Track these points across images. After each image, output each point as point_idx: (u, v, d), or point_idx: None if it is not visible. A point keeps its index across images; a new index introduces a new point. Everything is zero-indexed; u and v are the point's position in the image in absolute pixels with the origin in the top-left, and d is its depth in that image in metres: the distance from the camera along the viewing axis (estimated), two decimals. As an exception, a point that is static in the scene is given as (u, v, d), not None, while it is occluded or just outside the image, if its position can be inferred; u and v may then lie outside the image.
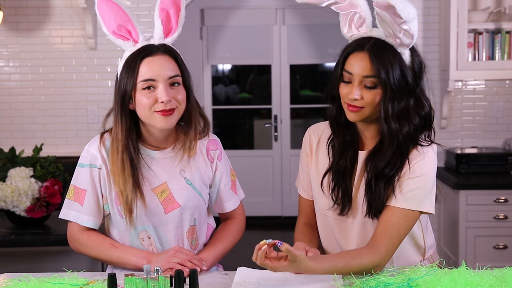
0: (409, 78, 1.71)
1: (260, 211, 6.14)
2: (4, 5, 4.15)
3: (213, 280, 1.73)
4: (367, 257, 1.67)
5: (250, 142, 6.49)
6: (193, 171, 1.91)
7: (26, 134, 4.31)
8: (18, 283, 1.62)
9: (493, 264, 1.81)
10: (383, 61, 1.68)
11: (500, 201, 3.72)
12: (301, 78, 6.33)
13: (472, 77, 4.11)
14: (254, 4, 6.02)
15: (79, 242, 1.89)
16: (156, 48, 1.80)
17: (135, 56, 1.79)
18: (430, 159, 1.75)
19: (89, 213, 1.87)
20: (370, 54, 1.69)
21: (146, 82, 1.77)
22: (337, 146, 1.84)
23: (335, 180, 1.81)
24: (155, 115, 1.78)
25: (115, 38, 1.81)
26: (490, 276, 1.56)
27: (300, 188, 1.99)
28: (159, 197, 1.86)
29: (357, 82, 1.71)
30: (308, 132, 1.97)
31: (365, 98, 1.71)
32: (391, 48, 1.71)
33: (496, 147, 4.25)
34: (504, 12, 4.04)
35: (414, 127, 1.73)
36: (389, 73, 1.68)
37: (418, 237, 1.86)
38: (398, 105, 1.70)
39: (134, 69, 1.77)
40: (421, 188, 1.72)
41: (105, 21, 1.80)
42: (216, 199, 2.00)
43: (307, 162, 1.93)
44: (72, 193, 1.89)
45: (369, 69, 1.69)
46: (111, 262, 1.89)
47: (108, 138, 1.88)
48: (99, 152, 1.87)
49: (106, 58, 4.28)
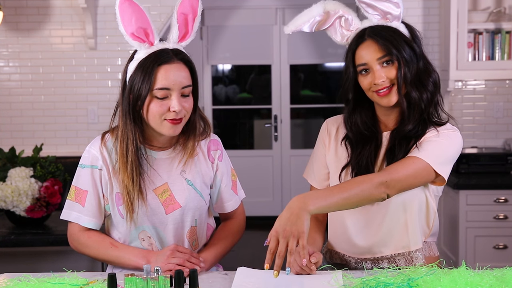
0: (415, 47, 1.81)
1: (260, 211, 6.14)
2: (4, 5, 4.15)
3: (213, 280, 1.73)
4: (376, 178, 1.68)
5: (250, 142, 6.49)
6: (194, 171, 1.90)
7: (26, 134, 4.31)
8: (18, 283, 1.62)
9: (493, 264, 1.81)
10: (387, 38, 1.79)
11: (500, 201, 3.72)
12: (301, 78, 6.33)
13: (472, 77, 4.12)
14: (254, 4, 6.01)
15: (80, 242, 1.89)
16: (173, 56, 1.78)
17: (152, 61, 1.76)
18: (459, 136, 1.84)
19: (90, 214, 1.87)
20: (373, 38, 1.79)
21: (161, 91, 1.75)
22: (354, 143, 1.89)
23: (356, 171, 1.85)
24: (165, 122, 1.78)
25: (131, 40, 1.78)
26: (490, 276, 1.56)
27: (312, 178, 2.00)
28: (160, 197, 1.86)
29: (375, 67, 1.79)
30: (326, 123, 2.01)
31: (388, 75, 1.79)
32: (388, 27, 1.82)
33: (496, 147, 4.25)
34: (504, 12, 4.04)
35: (430, 92, 1.83)
36: (397, 46, 1.78)
37: (430, 213, 1.85)
38: (412, 71, 1.80)
39: (151, 75, 1.74)
40: (444, 152, 1.78)
41: (124, 22, 1.76)
42: (217, 199, 2.00)
43: (324, 153, 1.97)
44: (73, 194, 1.88)
45: (379, 50, 1.78)
46: (110, 262, 1.89)
47: (110, 138, 1.88)
48: (100, 153, 1.86)
49: (106, 58, 4.28)
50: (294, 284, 1.66)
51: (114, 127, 1.89)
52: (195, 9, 1.85)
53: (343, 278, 1.69)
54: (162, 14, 4.20)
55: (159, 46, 1.79)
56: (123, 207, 1.85)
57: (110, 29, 4.25)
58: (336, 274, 1.72)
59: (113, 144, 1.86)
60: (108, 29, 4.24)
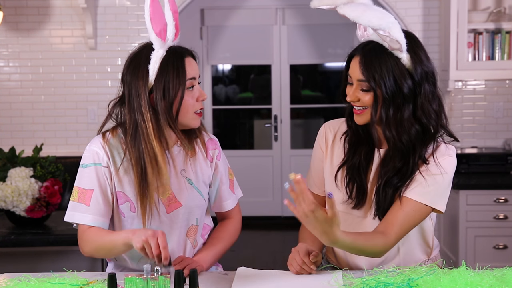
0: (405, 86, 1.69)
1: (260, 211, 6.14)
2: (4, 5, 4.15)
3: (213, 280, 1.74)
4: (380, 242, 1.68)
5: (250, 142, 6.49)
6: (194, 171, 1.91)
7: (26, 134, 4.31)
8: (18, 283, 1.62)
9: (493, 264, 1.81)
10: (374, 67, 1.68)
11: (500, 201, 3.72)
12: (301, 78, 6.33)
13: (472, 77, 4.12)
14: (254, 4, 6.01)
15: (83, 240, 1.85)
16: (185, 49, 1.85)
17: (177, 55, 1.80)
18: (453, 159, 1.76)
19: (96, 212, 1.84)
20: (361, 59, 1.71)
21: (190, 81, 1.80)
22: (352, 142, 1.85)
23: (350, 175, 1.81)
24: (194, 116, 1.84)
25: (156, 37, 1.78)
26: (490, 276, 1.56)
27: (311, 183, 1.97)
28: (161, 196, 1.86)
29: (355, 85, 1.74)
30: (324, 127, 1.95)
31: (362, 100, 1.72)
32: (387, 53, 1.69)
33: (496, 147, 4.25)
34: (504, 12, 4.04)
35: (413, 136, 1.72)
36: (379, 79, 1.67)
37: (429, 235, 1.87)
38: (393, 113, 1.70)
39: (183, 69, 1.79)
40: (439, 186, 1.73)
41: (155, 19, 1.78)
42: (216, 198, 2.01)
43: (321, 157, 1.93)
44: (76, 195, 1.86)
45: (361, 73, 1.70)
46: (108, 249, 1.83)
47: (111, 137, 1.87)
48: (103, 150, 1.85)
49: (106, 58, 4.28)
50: (294, 284, 1.66)
51: (113, 126, 1.88)
52: (175, 6, 1.86)
53: (343, 278, 1.69)
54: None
55: (169, 43, 1.82)
56: (123, 206, 1.85)
57: (110, 29, 4.25)
58: (336, 274, 1.73)
59: (121, 143, 1.85)
60: (108, 29, 4.24)
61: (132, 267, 1.93)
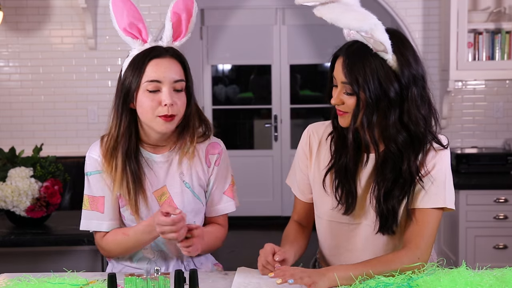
0: (391, 90, 1.61)
1: (260, 211, 6.14)
2: (4, 5, 4.15)
3: (213, 280, 1.74)
4: (406, 259, 1.63)
5: (250, 142, 6.49)
6: (192, 174, 1.90)
7: (26, 134, 4.31)
8: (18, 283, 1.62)
9: (493, 264, 1.81)
10: (357, 69, 1.61)
11: (500, 201, 3.72)
12: (301, 78, 6.33)
13: (472, 77, 4.12)
14: (254, 4, 6.01)
15: (104, 249, 1.89)
16: (165, 51, 1.79)
17: (143, 55, 1.78)
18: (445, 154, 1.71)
19: (111, 217, 1.86)
20: (345, 61, 1.64)
21: (152, 83, 1.76)
22: (338, 144, 1.78)
23: (338, 179, 1.75)
24: (157, 119, 1.77)
25: (124, 35, 1.80)
26: (490, 276, 1.56)
27: (295, 187, 1.91)
28: (159, 200, 1.86)
29: (339, 88, 1.68)
30: (308, 132, 1.88)
31: (346, 103, 1.67)
32: (371, 54, 1.61)
33: (496, 147, 4.25)
34: (504, 12, 4.04)
35: (400, 144, 1.64)
36: (362, 82, 1.60)
37: None
38: (378, 118, 1.63)
39: (141, 68, 1.76)
40: (443, 185, 1.69)
41: (117, 17, 1.80)
42: (207, 202, 1.97)
43: (306, 163, 1.86)
44: (88, 203, 1.87)
45: (344, 76, 1.64)
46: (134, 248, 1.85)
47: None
48: (101, 157, 1.85)
49: (106, 58, 4.28)
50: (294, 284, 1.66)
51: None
52: (189, 9, 1.85)
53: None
54: (163, 14, 4.20)
55: (152, 44, 1.81)
56: (123, 209, 1.86)
57: (110, 29, 4.23)
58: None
59: None
60: (108, 29, 4.24)
61: (132, 267, 1.92)
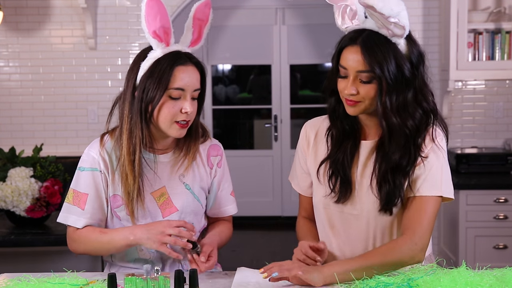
0: (406, 70, 1.66)
1: (260, 211, 6.14)
2: (4, 5, 4.15)
3: (213, 280, 1.74)
4: (405, 246, 1.64)
5: (250, 142, 6.49)
6: (193, 176, 1.90)
7: (26, 134, 4.31)
8: (18, 283, 1.62)
9: (493, 264, 1.81)
10: (376, 55, 1.64)
11: (500, 201, 3.72)
12: (301, 78, 6.33)
13: (472, 77, 4.12)
14: (254, 4, 6.02)
15: (74, 240, 1.87)
16: (189, 59, 1.80)
17: (170, 61, 1.76)
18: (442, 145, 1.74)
19: (90, 216, 1.85)
20: (363, 48, 1.65)
21: (177, 91, 1.76)
22: (335, 136, 1.81)
23: (333, 169, 1.78)
24: (174, 125, 1.78)
25: (151, 37, 1.77)
26: (490, 276, 1.56)
27: (296, 183, 1.95)
28: (157, 200, 1.86)
29: (352, 77, 1.69)
30: (305, 127, 1.94)
31: (361, 92, 1.69)
32: (385, 40, 1.66)
33: (496, 147, 4.25)
34: (504, 12, 4.04)
35: (417, 120, 1.70)
36: (384, 67, 1.64)
37: None
38: (397, 99, 1.66)
39: (169, 75, 1.75)
40: (440, 173, 1.71)
41: (150, 19, 1.76)
42: (213, 204, 1.98)
43: (305, 159, 1.91)
44: (72, 197, 1.87)
45: (363, 64, 1.66)
46: (105, 249, 1.85)
47: (109, 140, 1.87)
48: (100, 156, 1.85)
49: (106, 58, 4.28)
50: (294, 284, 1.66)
51: (113, 128, 1.88)
52: (207, 16, 1.88)
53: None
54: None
55: (173, 47, 1.80)
56: (119, 209, 1.85)
57: (110, 29, 4.25)
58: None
59: (113, 145, 1.85)
60: (108, 29, 4.24)
61: (129, 267, 1.92)
